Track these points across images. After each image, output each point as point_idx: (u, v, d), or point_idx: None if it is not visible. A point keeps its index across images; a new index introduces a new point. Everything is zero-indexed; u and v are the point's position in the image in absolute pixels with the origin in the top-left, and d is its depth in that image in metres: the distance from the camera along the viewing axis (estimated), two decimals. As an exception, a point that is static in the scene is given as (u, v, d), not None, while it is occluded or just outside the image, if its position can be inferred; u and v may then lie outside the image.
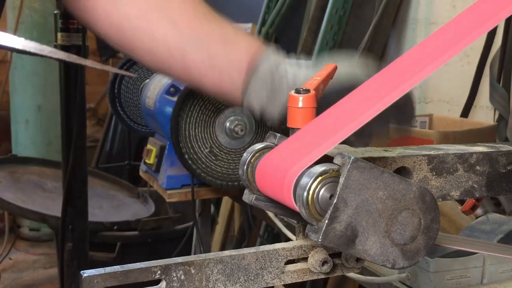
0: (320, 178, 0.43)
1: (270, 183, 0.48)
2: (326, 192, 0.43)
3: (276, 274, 0.53)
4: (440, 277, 1.11)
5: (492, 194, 0.52)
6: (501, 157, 0.51)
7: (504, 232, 1.16)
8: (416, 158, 0.49)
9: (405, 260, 0.45)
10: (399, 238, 0.44)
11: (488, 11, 0.46)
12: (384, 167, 0.47)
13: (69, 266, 1.90)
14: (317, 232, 0.43)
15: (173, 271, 0.49)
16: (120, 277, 0.48)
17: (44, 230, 3.86)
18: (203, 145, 1.48)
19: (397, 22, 2.72)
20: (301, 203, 0.44)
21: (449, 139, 1.65)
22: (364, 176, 0.42)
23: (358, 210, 0.43)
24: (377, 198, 0.43)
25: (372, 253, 0.44)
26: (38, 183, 2.89)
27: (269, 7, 3.26)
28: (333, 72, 0.65)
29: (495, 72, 2.06)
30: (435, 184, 0.49)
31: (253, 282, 0.52)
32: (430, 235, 0.45)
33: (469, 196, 0.51)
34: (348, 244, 0.43)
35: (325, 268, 0.54)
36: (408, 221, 0.44)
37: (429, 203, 0.44)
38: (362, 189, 0.42)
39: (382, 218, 0.43)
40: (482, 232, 1.18)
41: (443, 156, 0.49)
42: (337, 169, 0.43)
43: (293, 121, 0.52)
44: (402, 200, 0.44)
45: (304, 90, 0.52)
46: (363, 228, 0.43)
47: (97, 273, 0.47)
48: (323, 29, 2.77)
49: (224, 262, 0.49)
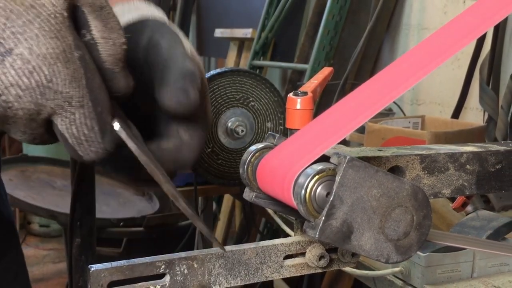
0: (317, 176, 0.43)
1: (270, 181, 0.48)
2: (323, 190, 0.43)
3: (275, 268, 0.53)
4: (432, 271, 1.11)
5: (482, 192, 0.52)
6: (490, 156, 0.51)
7: (493, 228, 1.16)
8: (409, 157, 0.49)
9: (398, 255, 0.45)
10: (393, 234, 0.44)
11: (478, 18, 0.46)
12: (379, 166, 0.47)
13: (78, 261, 1.90)
14: (314, 228, 0.43)
15: (176, 265, 0.49)
16: (126, 271, 0.48)
17: (54, 226, 3.86)
18: (205, 145, 1.48)
19: (390, 28, 2.72)
20: (299, 200, 0.44)
21: (440, 139, 1.65)
22: (359, 174, 0.42)
23: (353, 207, 0.43)
24: (371, 196, 0.43)
25: (367, 248, 0.44)
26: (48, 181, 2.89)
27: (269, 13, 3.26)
28: (329, 75, 0.65)
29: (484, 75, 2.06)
30: (427, 182, 0.49)
31: (253, 276, 0.52)
32: (422, 231, 0.45)
33: (459, 194, 0.51)
34: (344, 240, 0.43)
35: (322, 262, 0.54)
36: (401, 217, 0.44)
37: (421, 201, 0.44)
38: (357, 187, 0.42)
39: (376, 215, 0.43)
40: (472, 228, 1.18)
41: (434, 155, 0.49)
42: (333, 168, 0.43)
43: (292, 122, 0.52)
44: (395, 198, 0.44)
45: (302, 92, 0.52)
46: (358, 225, 0.43)
47: (104, 267, 0.47)
48: (320, 34, 2.77)
49: (226, 257, 0.49)
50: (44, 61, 0.38)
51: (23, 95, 0.39)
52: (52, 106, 0.40)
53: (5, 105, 0.38)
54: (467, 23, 0.46)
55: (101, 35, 0.42)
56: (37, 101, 0.39)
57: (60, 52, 0.39)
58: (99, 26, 0.42)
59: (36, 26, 0.38)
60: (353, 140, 2.00)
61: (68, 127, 0.41)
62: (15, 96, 0.38)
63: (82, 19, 0.42)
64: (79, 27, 0.42)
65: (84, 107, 0.40)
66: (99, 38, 0.42)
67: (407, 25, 2.64)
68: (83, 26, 0.42)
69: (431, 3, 2.50)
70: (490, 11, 0.45)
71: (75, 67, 0.40)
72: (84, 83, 0.40)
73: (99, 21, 0.42)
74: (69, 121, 0.40)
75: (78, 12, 0.42)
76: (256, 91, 1.65)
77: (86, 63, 0.41)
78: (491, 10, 0.46)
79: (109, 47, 0.43)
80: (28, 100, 0.39)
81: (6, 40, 0.38)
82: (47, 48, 0.39)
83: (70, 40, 0.40)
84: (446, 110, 2.32)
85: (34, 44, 0.38)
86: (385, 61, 2.72)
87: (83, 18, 0.42)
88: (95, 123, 0.41)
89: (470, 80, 2.15)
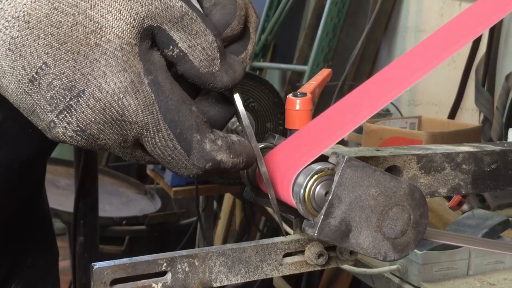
0: (316, 176, 0.43)
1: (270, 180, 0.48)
2: (322, 189, 0.43)
3: (275, 266, 0.53)
4: (429, 269, 1.11)
5: (478, 191, 0.52)
6: (485, 156, 0.51)
7: (489, 226, 1.16)
8: (406, 157, 0.49)
9: (395, 253, 0.45)
10: (390, 232, 0.44)
11: (474, 20, 0.46)
12: (376, 165, 0.47)
13: (81, 259, 1.90)
14: (313, 227, 0.43)
15: (178, 263, 0.49)
16: (129, 268, 0.48)
17: (57, 225, 3.85)
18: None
19: (388, 30, 2.72)
20: (298, 199, 0.44)
21: (437, 139, 1.65)
22: (357, 174, 0.42)
23: (351, 206, 0.43)
24: (369, 195, 0.43)
25: (365, 246, 0.44)
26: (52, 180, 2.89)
27: (268, 15, 3.26)
28: (328, 77, 0.65)
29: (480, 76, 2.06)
30: (424, 181, 0.49)
31: (253, 273, 0.52)
32: (419, 230, 0.45)
33: (455, 193, 0.51)
34: (342, 238, 0.43)
35: (321, 260, 0.54)
36: (399, 216, 0.44)
37: (418, 200, 0.44)
38: (356, 186, 0.42)
39: (374, 214, 0.43)
40: (468, 226, 1.18)
41: (431, 155, 0.49)
42: (332, 168, 0.43)
43: (291, 122, 0.52)
44: (393, 197, 0.44)
45: (301, 93, 0.52)
46: (356, 223, 0.43)
47: (107, 265, 0.47)
48: (319, 36, 2.78)
49: (226, 255, 0.49)
50: (113, 96, 0.39)
51: (104, 129, 0.39)
52: (133, 134, 0.40)
53: (92, 138, 0.40)
54: (463, 26, 0.46)
55: (188, 44, 0.41)
56: (119, 132, 0.40)
57: (128, 83, 0.39)
58: (184, 37, 0.41)
59: (102, 64, 0.38)
60: (351, 140, 2.01)
61: (152, 149, 0.41)
62: (98, 130, 0.39)
63: (164, 37, 0.41)
64: (162, 45, 0.41)
65: (162, 130, 0.40)
66: (187, 48, 0.41)
67: (404, 27, 2.64)
68: (167, 43, 0.41)
69: (428, 5, 2.50)
70: (486, 13, 0.45)
71: (145, 94, 0.39)
72: (157, 108, 0.40)
73: (183, 32, 0.41)
74: (152, 145, 0.41)
75: (157, 30, 0.40)
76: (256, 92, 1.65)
77: (159, 86, 0.40)
78: (486, 12, 0.46)
79: (199, 52, 0.41)
80: (110, 132, 0.40)
81: (78, 82, 0.38)
82: (115, 83, 0.39)
83: (139, 68, 0.39)
84: (443, 110, 2.32)
85: (102, 82, 0.38)
86: (383, 63, 2.72)
87: (165, 35, 0.41)
88: (177, 144, 0.40)
89: (466, 81, 2.15)
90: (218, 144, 0.42)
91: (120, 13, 0.39)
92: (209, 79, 0.42)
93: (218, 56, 0.42)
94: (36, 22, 0.37)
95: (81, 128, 0.39)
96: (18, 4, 0.37)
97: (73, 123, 0.39)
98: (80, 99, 0.38)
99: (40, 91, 0.38)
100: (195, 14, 0.41)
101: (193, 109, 0.41)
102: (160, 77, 0.40)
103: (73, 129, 0.39)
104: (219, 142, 0.42)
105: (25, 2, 0.37)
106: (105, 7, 0.38)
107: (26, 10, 0.37)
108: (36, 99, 0.38)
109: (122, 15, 0.39)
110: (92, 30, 0.38)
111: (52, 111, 0.39)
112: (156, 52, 0.41)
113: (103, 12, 0.38)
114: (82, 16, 0.38)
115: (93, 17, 0.38)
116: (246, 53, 0.47)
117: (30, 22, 0.37)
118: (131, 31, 0.39)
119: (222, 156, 0.42)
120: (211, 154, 0.41)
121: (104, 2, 0.38)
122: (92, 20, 0.38)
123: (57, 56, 0.38)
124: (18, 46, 0.37)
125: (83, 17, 0.38)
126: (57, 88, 0.38)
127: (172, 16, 0.40)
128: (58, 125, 0.39)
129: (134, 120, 0.39)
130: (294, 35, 3.24)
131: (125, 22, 0.39)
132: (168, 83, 0.41)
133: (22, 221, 0.79)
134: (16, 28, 0.37)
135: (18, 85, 0.38)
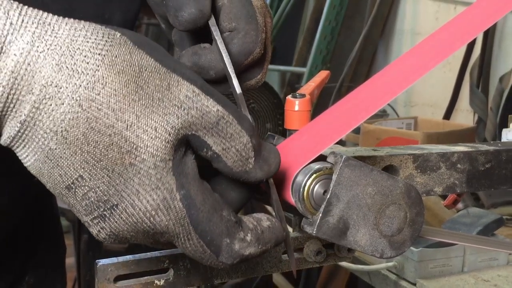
0: (315, 175, 0.43)
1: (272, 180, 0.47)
2: (320, 188, 0.43)
3: (274, 263, 0.53)
4: (424, 266, 1.11)
5: (472, 190, 0.52)
6: (480, 156, 0.51)
7: (483, 224, 1.16)
8: (403, 157, 0.49)
9: (392, 250, 0.45)
10: (387, 230, 0.44)
11: (468, 24, 0.46)
12: (373, 165, 0.47)
13: (85, 256, 1.90)
14: (311, 225, 0.43)
15: (180, 260, 0.49)
16: (132, 265, 0.48)
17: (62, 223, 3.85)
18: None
19: (385, 33, 2.72)
20: (297, 198, 0.44)
21: (432, 139, 1.66)
22: (355, 173, 0.42)
23: (349, 205, 0.43)
24: (366, 194, 0.43)
25: (362, 244, 0.44)
26: (57, 180, 2.88)
27: (268, 19, 3.25)
28: (326, 78, 0.66)
29: (474, 78, 2.06)
30: (420, 180, 0.49)
31: (253, 270, 0.53)
32: (415, 228, 0.45)
33: (451, 192, 0.51)
34: (340, 236, 0.43)
35: (319, 257, 0.54)
36: (395, 214, 0.44)
37: (414, 198, 0.45)
38: (353, 185, 0.43)
39: (371, 212, 0.43)
40: (463, 224, 1.18)
41: (427, 155, 0.49)
42: (330, 167, 0.43)
43: (290, 123, 0.52)
44: (389, 196, 0.44)
45: (300, 95, 0.52)
46: (354, 221, 0.43)
47: (110, 262, 0.47)
48: (317, 39, 2.78)
49: (227, 252, 0.49)
50: (145, 214, 0.39)
51: (137, 237, 0.40)
52: (164, 240, 0.41)
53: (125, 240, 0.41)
54: (458, 29, 0.46)
55: (222, 147, 0.40)
56: (153, 239, 0.41)
57: (161, 200, 0.39)
58: (218, 140, 0.40)
59: (136, 182, 0.38)
60: (349, 140, 2.00)
61: (183, 250, 0.41)
62: (130, 236, 0.40)
63: (198, 142, 0.40)
64: (196, 148, 0.41)
65: (192, 239, 0.40)
66: (221, 151, 0.40)
67: (401, 30, 2.64)
68: (201, 147, 0.40)
69: (424, 9, 2.50)
70: (480, 17, 0.45)
71: (177, 210, 0.39)
72: (188, 221, 0.40)
73: (217, 136, 0.40)
74: (182, 247, 0.41)
75: (191, 137, 0.40)
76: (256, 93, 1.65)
77: (191, 199, 0.40)
78: (481, 16, 0.46)
79: (233, 154, 0.41)
80: (143, 237, 0.41)
81: (112, 196, 0.39)
82: (148, 200, 0.39)
83: (171, 183, 0.39)
84: (438, 111, 2.32)
85: (135, 199, 0.39)
86: (379, 65, 2.72)
87: (199, 141, 0.40)
88: (206, 249, 0.40)
89: (460, 83, 2.15)
90: (247, 240, 0.41)
91: (156, 131, 0.38)
92: (242, 176, 0.42)
93: (253, 155, 0.41)
94: (73, 139, 0.37)
95: (114, 233, 0.40)
96: (56, 120, 0.37)
97: (106, 229, 0.39)
98: (113, 212, 0.39)
99: (75, 198, 0.39)
100: (231, 117, 0.40)
101: (223, 214, 0.41)
102: (192, 190, 0.40)
103: (107, 233, 0.40)
104: (248, 238, 0.41)
105: (63, 118, 0.37)
106: (141, 126, 0.38)
107: (64, 126, 0.37)
108: (72, 203, 0.39)
109: (158, 132, 0.38)
110: (128, 150, 0.38)
111: (86, 215, 0.39)
112: (190, 156, 0.41)
113: (139, 132, 0.38)
114: (118, 136, 0.37)
115: (128, 137, 0.38)
116: (263, 73, 0.46)
117: (68, 139, 0.37)
118: (166, 147, 0.39)
119: (251, 250, 0.41)
120: (239, 252, 0.41)
121: (140, 121, 0.38)
122: (127, 140, 0.38)
123: (93, 172, 0.38)
124: (56, 157, 0.37)
125: (119, 138, 0.38)
126: (91, 199, 0.38)
127: (208, 122, 0.40)
128: (92, 227, 0.40)
129: (165, 231, 0.40)
130: (293, 38, 3.24)
131: (160, 140, 0.38)
132: (200, 195, 0.40)
133: (36, 217, 0.79)
134: (54, 141, 0.37)
135: (55, 187, 0.39)
